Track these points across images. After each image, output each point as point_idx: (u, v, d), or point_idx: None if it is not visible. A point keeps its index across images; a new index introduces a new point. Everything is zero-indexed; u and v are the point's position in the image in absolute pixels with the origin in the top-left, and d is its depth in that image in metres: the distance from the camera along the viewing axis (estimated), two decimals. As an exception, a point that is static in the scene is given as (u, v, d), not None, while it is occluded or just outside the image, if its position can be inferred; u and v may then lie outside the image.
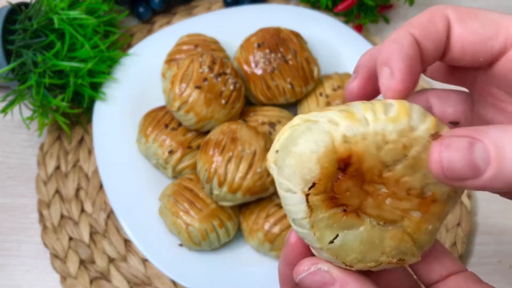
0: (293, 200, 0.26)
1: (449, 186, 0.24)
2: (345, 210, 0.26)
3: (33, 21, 0.63)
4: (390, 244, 0.26)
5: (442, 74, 0.31)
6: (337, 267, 0.27)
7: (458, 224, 0.67)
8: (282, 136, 0.27)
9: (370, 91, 0.29)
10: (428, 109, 0.28)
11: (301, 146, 0.25)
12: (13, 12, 0.67)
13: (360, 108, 0.25)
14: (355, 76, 0.30)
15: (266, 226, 0.58)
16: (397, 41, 0.26)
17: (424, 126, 0.25)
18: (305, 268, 0.27)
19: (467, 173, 0.22)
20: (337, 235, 0.26)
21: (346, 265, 0.27)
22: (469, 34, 0.26)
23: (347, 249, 0.26)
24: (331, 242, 0.26)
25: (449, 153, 0.22)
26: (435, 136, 0.24)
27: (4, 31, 0.65)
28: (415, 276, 0.32)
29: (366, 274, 0.28)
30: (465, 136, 0.22)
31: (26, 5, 0.68)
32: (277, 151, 0.27)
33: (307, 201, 0.25)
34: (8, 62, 0.65)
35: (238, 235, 0.62)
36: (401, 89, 0.25)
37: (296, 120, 0.27)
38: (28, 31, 0.63)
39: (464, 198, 0.69)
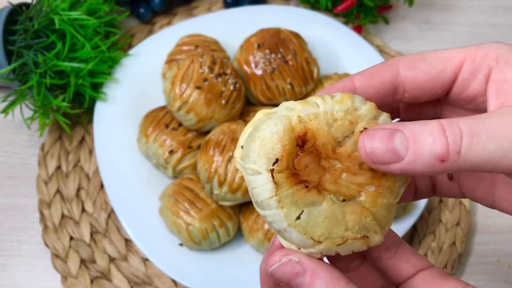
0: (259, 181, 0.28)
1: (379, 169, 0.28)
2: (306, 186, 0.28)
3: (34, 22, 0.64)
4: (351, 219, 0.29)
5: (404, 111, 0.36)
6: (308, 258, 0.29)
7: (457, 224, 0.67)
8: (246, 131, 0.30)
9: None
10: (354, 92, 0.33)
11: (263, 131, 0.28)
12: (14, 12, 0.67)
13: (312, 97, 0.30)
14: None
15: (266, 225, 0.58)
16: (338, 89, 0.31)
17: (366, 107, 0.29)
18: (277, 260, 0.29)
19: (389, 157, 0.26)
20: (302, 211, 0.28)
21: (314, 241, 0.28)
22: (422, 75, 0.30)
23: (313, 225, 0.28)
24: (298, 218, 0.28)
25: (371, 141, 0.27)
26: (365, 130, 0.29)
27: (5, 32, 0.65)
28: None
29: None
30: (388, 128, 0.27)
31: (27, 5, 0.68)
32: (242, 147, 0.30)
33: (273, 177, 0.28)
34: (9, 62, 0.65)
35: (238, 234, 0.63)
36: None
37: (259, 115, 0.30)
38: (29, 32, 0.63)
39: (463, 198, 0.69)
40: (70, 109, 0.67)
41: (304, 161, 0.28)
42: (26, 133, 0.71)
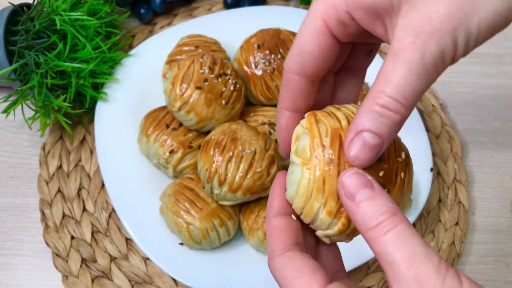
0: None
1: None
2: None
3: (35, 22, 0.64)
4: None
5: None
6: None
7: (456, 224, 0.68)
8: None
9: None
10: None
11: None
12: (15, 13, 0.67)
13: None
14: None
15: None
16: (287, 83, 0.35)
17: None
18: (352, 171, 0.31)
19: None
20: None
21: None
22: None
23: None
24: None
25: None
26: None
27: (6, 32, 0.66)
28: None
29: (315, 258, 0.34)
30: None
31: (28, 6, 0.68)
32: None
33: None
34: (11, 62, 0.65)
35: (238, 234, 0.63)
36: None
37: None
38: (30, 32, 0.64)
39: (462, 197, 0.70)
40: (71, 109, 0.67)
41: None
42: (27, 133, 0.71)
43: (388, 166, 0.33)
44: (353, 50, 0.37)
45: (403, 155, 0.34)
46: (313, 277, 0.30)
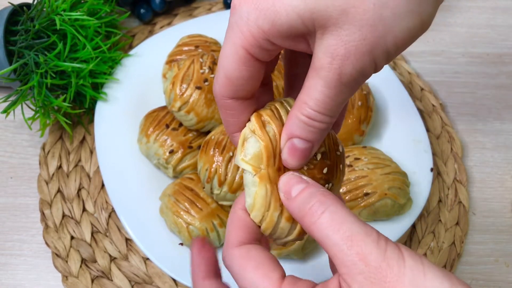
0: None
1: None
2: None
3: (35, 22, 0.64)
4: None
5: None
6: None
7: (457, 224, 0.67)
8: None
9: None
10: None
11: None
12: (15, 13, 0.67)
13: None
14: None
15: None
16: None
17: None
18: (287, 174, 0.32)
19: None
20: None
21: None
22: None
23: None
24: None
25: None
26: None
27: (6, 32, 0.66)
28: None
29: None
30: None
31: (28, 6, 0.68)
32: None
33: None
34: (10, 62, 0.65)
35: (238, 234, 0.63)
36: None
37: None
38: (30, 32, 0.64)
39: (463, 198, 0.70)
40: (71, 109, 0.67)
41: None
42: (27, 133, 0.71)
43: (330, 162, 0.34)
44: (295, 54, 0.37)
45: (340, 148, 0.36)
46: (272, 269, 0.31)
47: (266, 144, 0.32)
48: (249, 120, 0.34)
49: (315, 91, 0.30)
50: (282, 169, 0.32)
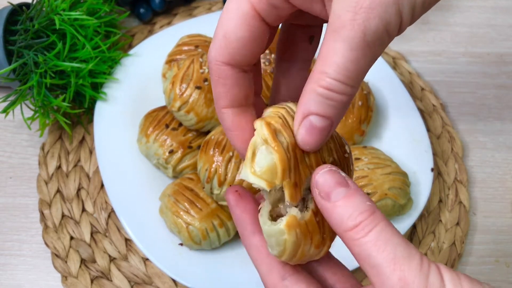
0: None
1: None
2: None
3: (34, 22, 0.64)
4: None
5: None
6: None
7: (457, 224, 0.67)
8: None
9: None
10: None
11: None
12: (15, 12, 0.67)
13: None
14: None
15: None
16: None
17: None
18: (326, 168, 0.30)
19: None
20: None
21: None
22: None
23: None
24: None
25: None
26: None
27: (5, 32, 0.65)
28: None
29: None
30: None
31: (28, 5, 0.68)
32: None
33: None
34: (10, 62, 0.65)
35: (238, 234, 0.63)
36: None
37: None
38: (29, 32, 0.63)
39: (463, 198, 0.70)
40: (71, 109, 0.67)
41: None
42: (26, 133, 0.71)
43: (340, 166, 0.32)
44: (293, 37, 0.34)
45: (347, 149, 0.34)
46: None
47: (281, 156, 0.28)
48: (254, 129, 0.31)
49: (335, 55, 0.27)
50: (298, 184, 0.29)
